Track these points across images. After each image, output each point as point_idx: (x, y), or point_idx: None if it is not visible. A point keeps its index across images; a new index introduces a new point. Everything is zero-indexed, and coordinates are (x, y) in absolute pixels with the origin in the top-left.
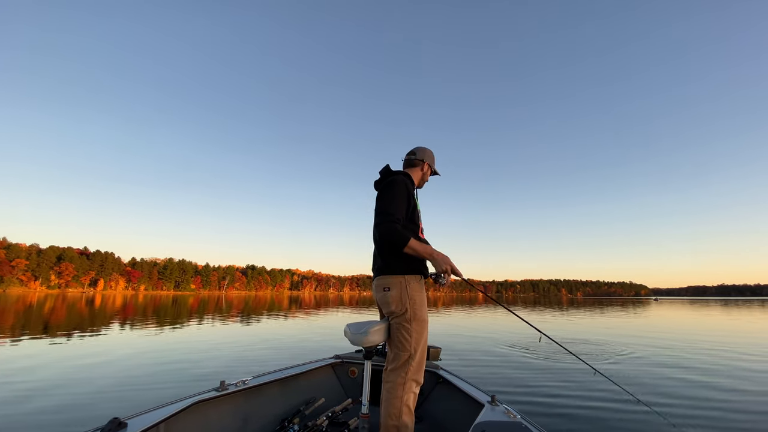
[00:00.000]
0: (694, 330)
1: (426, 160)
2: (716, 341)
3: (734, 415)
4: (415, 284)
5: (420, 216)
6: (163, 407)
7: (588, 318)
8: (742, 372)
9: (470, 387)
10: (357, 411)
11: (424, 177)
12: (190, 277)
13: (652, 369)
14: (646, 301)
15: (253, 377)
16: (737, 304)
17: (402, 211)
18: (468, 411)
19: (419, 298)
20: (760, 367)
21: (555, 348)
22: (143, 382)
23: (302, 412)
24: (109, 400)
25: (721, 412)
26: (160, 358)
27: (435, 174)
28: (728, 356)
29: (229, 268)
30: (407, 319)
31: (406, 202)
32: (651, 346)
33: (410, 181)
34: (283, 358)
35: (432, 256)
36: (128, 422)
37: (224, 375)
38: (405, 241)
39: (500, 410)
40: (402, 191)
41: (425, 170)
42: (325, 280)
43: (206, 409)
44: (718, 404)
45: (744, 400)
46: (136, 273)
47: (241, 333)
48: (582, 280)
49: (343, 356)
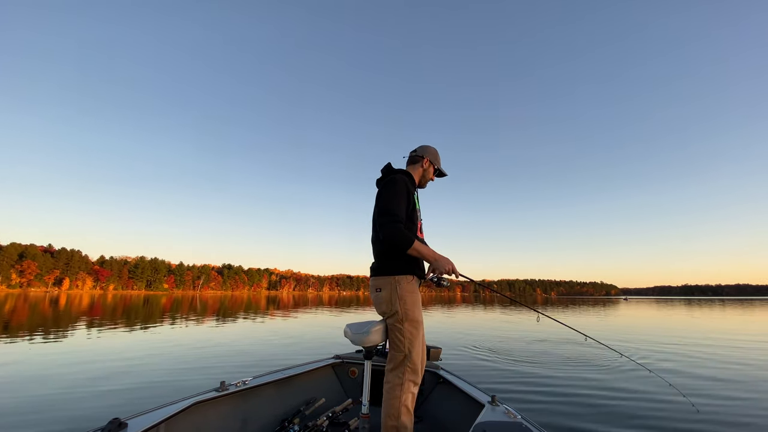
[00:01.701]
0: (669, 328)
1: (426, 156)
2: (712, 343)
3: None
4: (406, 285)
5: (420, 215)
6: (163, 407)
7: (571, 318)
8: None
9: (470, 387)
10: (357, 411)
11: (426, 174)
12: (163, 277)
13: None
14: (616, 300)
15: (253, 377)
16: (699, 304)
17: (403, 210)
18: (468, 411)
19: (410, 299)
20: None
21: (553, 345)
22: (142, 382)
23: (302, 412)
24: (108, 401)
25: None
26: (160, 358)
27: (441, 175)
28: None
29: (204, 267)
30: (399, 319)
31: (405, 200)
32: (642, 347)
33: (410, 179)
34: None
35: (435, 258)
36: (128, 422)
37: (224, 375)
38: (409, 243)
39: (501, 410)
40: (402, 190)
41: (426, 167)
42: (304, 279)
43: (206, 410)
44: (744, 407)
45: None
46: (105, 272)
47: (214, 335)
48: (556, 280)
49: (343, 356)
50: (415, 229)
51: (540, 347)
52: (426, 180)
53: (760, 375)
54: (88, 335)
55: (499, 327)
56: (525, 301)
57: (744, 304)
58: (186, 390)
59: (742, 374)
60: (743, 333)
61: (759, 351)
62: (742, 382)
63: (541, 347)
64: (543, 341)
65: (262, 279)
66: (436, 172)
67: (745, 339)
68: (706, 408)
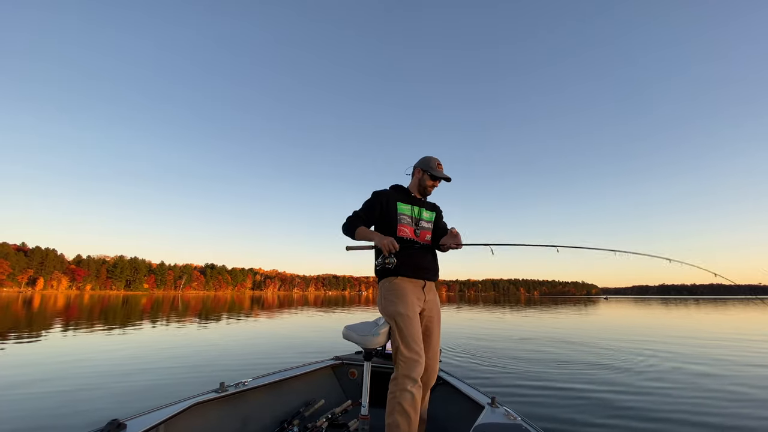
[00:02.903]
0: (653, 328)
1: (418, 166)
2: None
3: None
4: (388, 284)
5: (413, 221)
6: (163, 408)
7: (549, 317)
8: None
9: (470, 389)
10: (357, 412)
11: (421, 183)
12: (143, 276)
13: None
14: (596, 299)
15: (253, 378)
16: (676, 303)
17: (363, 210)
18: (468, 413)
19: (390, 295)
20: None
21: (554, 345)
22: (142, 383)
23: (302, 413)
24: (107, 402)
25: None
26: (159, 359)
27: (439, 179)
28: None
29: (186, 267)
30: (387, 317)
31: (369, 204)
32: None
33: (396, 191)
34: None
35: (378, 241)
36: (128, 423)
37: (223, 376)
38: (347, 228)
39: (500, 412)
40: (370, 198)
41: (419, 176)
42: (290, 279)
43: (206, 411)
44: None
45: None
46: (81, 271)
47: (193, 337)
48: (539, 280)
49: (342, 357)
50: (392, 229)
51: (538, 347)
52: (424, 187)
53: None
54: (63, 336)
55: (487, 326)
56: (508, 300)
57: (717, 303)
58: (182, 392)
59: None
60: (737, 332)
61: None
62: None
63: (538, 347)
64: (531, 340)
65: (246, 279)
66: (431, 177)
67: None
68: (706, 409)
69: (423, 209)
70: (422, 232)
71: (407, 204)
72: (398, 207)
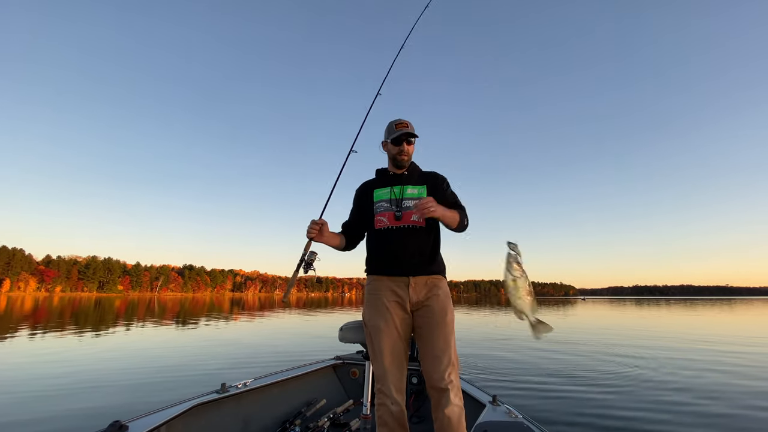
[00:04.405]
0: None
1: (383, 138)
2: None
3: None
4: (367, 286)
5: (392, 203)
6: (164, 410)
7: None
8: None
9: (472, 387)
10: (358, 412)
11: (390, 154)
12: (117, 278)
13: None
14: (574, 300)
15: (254, 379)
16: (648, 303)
17: (349, 216)
18: (469, 411)
19: (365, 298)
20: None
21: (553, 345)
22: (144, 384)
23: (303, 413)
24: (109, 403)
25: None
26: (159, 360)
27: (399, 140)
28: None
29: (163, 268)
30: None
31: (352, 208)
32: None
33: (369, 181)
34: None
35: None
36: (129, 425)
37: (225, 377)
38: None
39: (502, 410)
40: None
41: (387, 148)
42: (271, 281)
43: (207, 412)
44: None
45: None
46: (51, 272)
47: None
48: None
49: (344, 357)
50: (371, 224)
51: (535, 347)
52: (393, 157)
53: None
54: (30, 339)
55: (474, 327)
56: (489, 301)
57: (687, 303)
58: (183, 393)
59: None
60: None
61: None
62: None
63: (536, 347)
64: (530, 340)
65: (226, 280)
66: (393, 142)
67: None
68: (707, 408)
69: (407, 186)
70: (406, 213)
71: (385, 187)
72: (374, 195)
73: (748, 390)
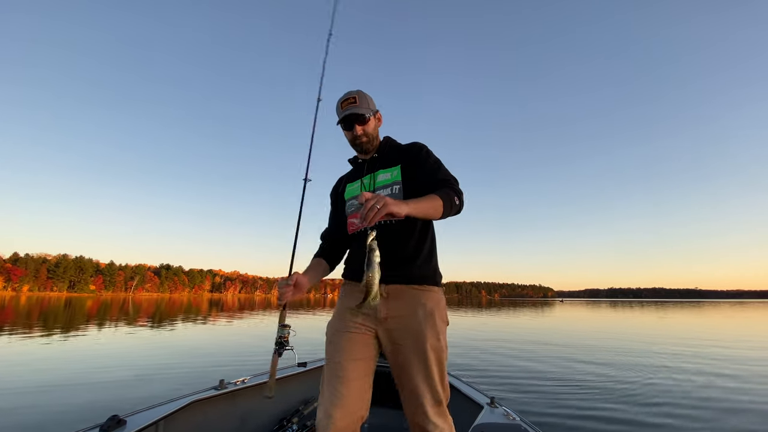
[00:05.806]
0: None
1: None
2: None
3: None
4: (340, 292)
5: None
6: (162, 405)
7: (519, 319)
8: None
9: (469, 389)
10: None
11: (349, 139)
12: (90, 277)
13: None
14: (552, 302)
15: (252, 376)
16: (622, 306)
17: (328, 225)
18: (467, 413)
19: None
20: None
21: (549, 346)
22: (142, 379)
23: (301, 411)
24: (107, 398)
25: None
26: (159, 357)
27: (346, 119)
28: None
29: (138, 267)
30: None
31: (330, 212)
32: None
33: (339, 180)
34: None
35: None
36: (127, 419)
37: (223, 374)
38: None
39: (499, 412)
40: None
41: (345, 133)
42: (252, 282)
43: (205, 408)
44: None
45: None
46: (18, 270)
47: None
48: (499, 283)
49: None
50: (345, 229)
51: (535, 348)
52: (351, 142)
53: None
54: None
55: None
56: (471, 302)
57: (659, 305)
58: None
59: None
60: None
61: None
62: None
63: (536, 348)
64: (527, 340)
65: (204, 280)
66: (342, 126)
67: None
68: (706, 408)
69: (377, 172)
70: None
71: (354, 181)
72: (346, 193)
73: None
